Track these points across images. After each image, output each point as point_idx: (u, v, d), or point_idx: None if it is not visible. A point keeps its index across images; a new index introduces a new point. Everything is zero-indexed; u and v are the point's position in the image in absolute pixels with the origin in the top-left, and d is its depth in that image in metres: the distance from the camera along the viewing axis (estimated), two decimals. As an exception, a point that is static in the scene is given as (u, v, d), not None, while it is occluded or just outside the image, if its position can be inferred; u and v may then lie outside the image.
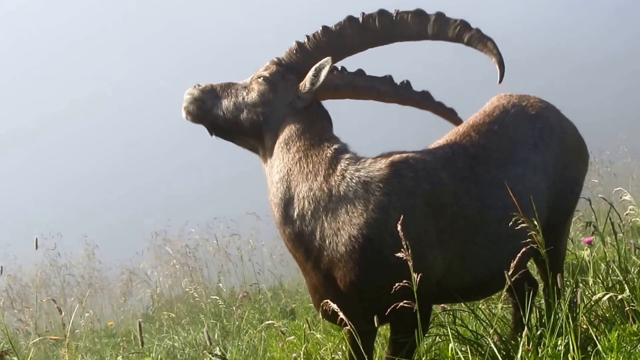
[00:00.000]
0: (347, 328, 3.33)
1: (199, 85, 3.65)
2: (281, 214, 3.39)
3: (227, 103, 3.58)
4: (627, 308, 3.43)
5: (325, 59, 3.43)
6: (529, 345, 3.19)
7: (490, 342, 3.29)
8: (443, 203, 3.37)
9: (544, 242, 3.29)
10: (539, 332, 3.29)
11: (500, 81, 3.57)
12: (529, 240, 3.30)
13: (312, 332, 4.74)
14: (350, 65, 3.71)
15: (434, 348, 3.79)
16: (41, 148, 33.99)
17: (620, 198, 5.34)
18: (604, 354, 3.09)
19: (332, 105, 3.69)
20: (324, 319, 3.58)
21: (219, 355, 4.20)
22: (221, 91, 3.61)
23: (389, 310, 3.12)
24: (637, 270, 3.94)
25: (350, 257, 3.24)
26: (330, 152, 3.40)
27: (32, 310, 8.95)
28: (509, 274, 3.18)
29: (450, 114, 3.92)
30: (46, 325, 9.26)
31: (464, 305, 4.07)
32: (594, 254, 4.64)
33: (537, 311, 3.73)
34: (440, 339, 3.89)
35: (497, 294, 3.81)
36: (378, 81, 3.75)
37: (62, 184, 29.62)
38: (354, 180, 3.32)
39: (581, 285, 4.12)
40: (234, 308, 6.91)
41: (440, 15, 3.48)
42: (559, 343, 3.17)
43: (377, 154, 3.48)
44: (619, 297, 3.48)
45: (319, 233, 3.31)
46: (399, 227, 3.04)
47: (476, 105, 3.90)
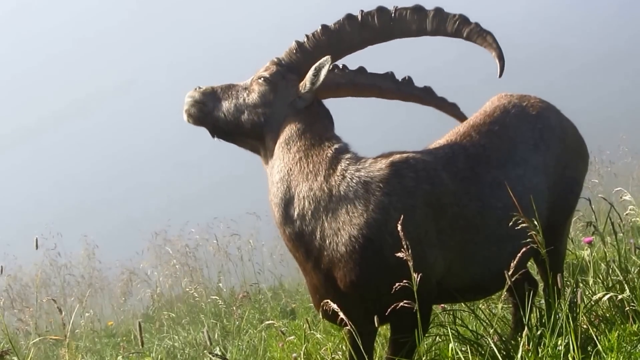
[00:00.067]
0: (347, 328, 3.33)
1: (199, 88, 3.65)
2: (281, 213, 3.38)
3: (227, 105, 3.58)
4: (627, 308, 3.42)
5: (324, 58, 3.43)
6: (529, 345, 3.19)
7: (491, 342, 3.29)
8: (443, 203, 3.37)
9: (544, 242, 3.29)
10: (539, 332, 3.29)
11: (500, 75, 3.55)
12: (529, 240, 3.30)
13: (312, 332, 4.74)
14: (352, 63, 3.71)
15: (434, 348, 3.79)
16: (41, 148, 33.98)
17: (621, 198, 5.34)
18: (604, 354, 3.09)
19: (333, 104, 3.69)
20: (324, 319, 3.58)
21: (219, 355, 4.20)
22: (222, 93, 3.61)
23: (389, 310, 3.12)
24: (637, 270, 3.94)
25: (351, 257, 3.24)
26: (330, 152, 3.40)
27: (32, 310, 8.94)
28: (509, 274, 3.18)
29: (452, 109, 3.91)
30: (46, 325, 9.25)
31: (464, 305, 4.07)
32: (594, 254, 4.64)
33: (537, 311, 3.73)
34: (441, 339, 3.89)
35: (498, 294, 3.80)
36: (380, 78, 3.74)
37: (62, 184, 29.61)
38: (354, 180, 3.31)
39: (581, 285, 4.12)
40: (234, 308, 6.91)
41: (439, 11, 3.48)
42: (559, 343, 3.17)
43: (377, 154, 3.48)
44: (619, 297, 3.48)
45: (319, 233, 3.31)
46: (399, 228, 3.04)
47: (477, 104, 3.90)
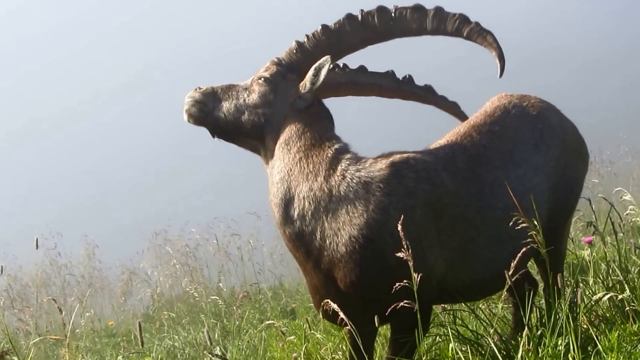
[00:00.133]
0: (347, 328, 3.33)
1: (199, 88, 3.64)
2: (281, 214, 3.38)
3: (228, 105, 3.58)
4: (628, 308, 3.42)
5: (324, 58, 3.42)
6: (529, 345, 3.19)
7: (491, 342, 3.29)
8: (444, 204, 3.37)
9: (545, 242, 3.29)
10: (539, 332, 3.29)
11: (500, 75, 3.54)
12: (529, 240, 3.30)
13: (312, 332, 4.74)
14: (352, 62, 3.71)
15: (434, 348, 3.79)
16: (41, 148, 34.01)
17: (621, 198, 5.34)
18: (604, 354, 3.09)
19: (333, 103, 3.69)
20: (325, 319, 3.58)
21: (220, 355, 4.20)
22: (222, 93, 3.61)
23: (390, 310, 3.12)
24: (637, 270, 3.94)
25: (351, 258, 3.24)
26: (330, 152, 3.40)
27: (32, 310, 8.94)
28: (510, 274, 3.17)
29: (453, 108, 3.90)
30: (46, 325, 9.25)
31: (464, 305, 4.07)
32: (594, 254, 4.63)
33: (538, 311, 3.73)
34: (441, 339, 3.89)
35: (498, 293, 3.80)
36: (380, 77, 3.73)
37: (62, 184, 29.63)
38: (354, 181, 3.31)
39: (581, 285, 4.11)
40: (234, 308, 6.90)
41: (439, 10, 3.47)
42: (559, 343, 3.17)
43: (378, 154, 3.48)
44: (620, 297, 3.48)
45: (319, 233, 3.31)
46: (400, 228, 3.04)
47: (477, 104, 3.90)
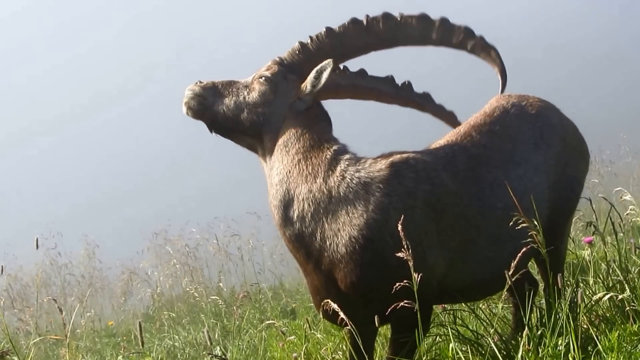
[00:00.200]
0: (347, 328, 3.32)
1: (200, 82, 3.65)
2: (281, 215, 3.38)
3: (228, 101, 3.58)
4: (628, 308, 3.42)
5: (326, 61, 3.42)
6: (529, 345, 3.19)
7: (491, 341, 3.29)
8: (444, 204, 3.37)
9: (545, 242, 3.29)
10: (539, 332, 3.29)
11: (502, 91, 3.59)
12: (529, 240, 3.30)
13: (312, 331, 4.74)
14: (352, 65, 3.71)
15: (434, 348, 3.79)
16: (41, 149, 34.02)
17: (621, 198, 5.33)
18: (604, 354, 3.09)
19: (333, 104, 3.69)
20: (325, 319, 3.58)
21: (220, 355, 4.20)
22: (222, 89, 3.61)
23: (390, 310, 3.12)
24: (637, 270, 3.93)
25: (351, 258, 3.24)
26: (329, 153, 3.40)
27: (32, 309, 8.93)
28: (510, 273, 3.18)
29: (449, 118, 3.91)
30: (47, 324, 9.25)
31: (464, 305, 4.07)
32: (594, 254, 4.63)
33: (538, 311, 3.73)
34: (441, 339, 3.89)
35: (498, 293, 3.80)
36: (379, 82, 3.73)
37: (62, 184, 29.63)
38: (354, 181, 3.31)
39: (582, 285, 4.11)
40: (235, 308, 6.90)
41: (444, 21, 3.46)
42: (560, 343, 3.17)
43: (377, 155, 3.48)
44: (620, 297, 3.48)
45: (319, 234, 3.31)
46: (400, 228, 3.04)
47: (476, 108, 3.90)
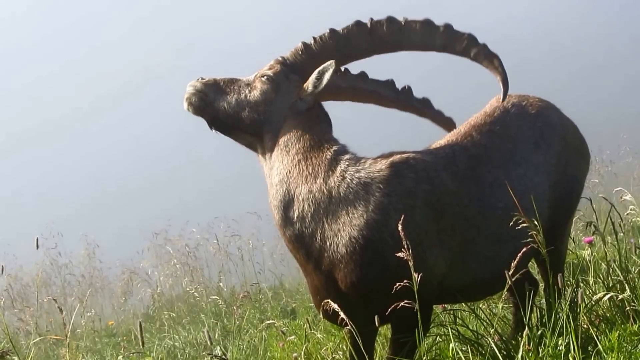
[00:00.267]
0: (347, 328, 3.32)
1: (202, 78, 3.65)
2: (281, 216, 3.38)
3: (229, 99, 3.57)
4: (628, 308, 3.42)
5: (329, 62, 3.42)
6: (529, 345, 3.19)
7: (491, 341, 3.29)
8: (444, 204, 3.37)
9: (545, 242, 3.29)
10: (539, 332, 3.29)
11: (504, 99, 3.59)
12: (529, 240, 3.30)
13: (312, 331, 4.74)
14: (353, 67, 3.70)
15: (434, 348, 3.79)
16: (42, 149, 34.03)
17: (621, 198, 5.33)
18: (604, 354, 3.09)
19: (333, 104, 3.68)
20: (325, 319, 3.58)
21: (220, 355, 4.20)
22: (224, 86, 3.61)
23: (390, 310, 3.12)
24: (637, 269, 3.93)
25: (351, 258, 3.24)
26: (329, 153, 3.40)
27: (32, 309, 8.94)
28: (510, 273, 3.18)
29: (448, 124, 3.91)
30: (47, 324, 9.25)
31: (464, 305, 4.07)
32: (594, 254, 4.64)
33: (538, 311, 3.73)
34: (441, 339, 3.89)
35: (498, 293, 3.80)
36: (379, 85, 3.73)
37: (62, 184, 29.65)
38: (354, 182, 3.31)
39: (582, 285, 4.11)
40: (235, 308, 6.90)
41: (448, 27, 3.45)
42: (560, 343, 3.17)
43: (377, 155, 3.48)
44: (620, 296, 3.48)
45: (319, 235, 3.31)
46: (400, 228, 3.04)
47: (476, 108, 3.90)
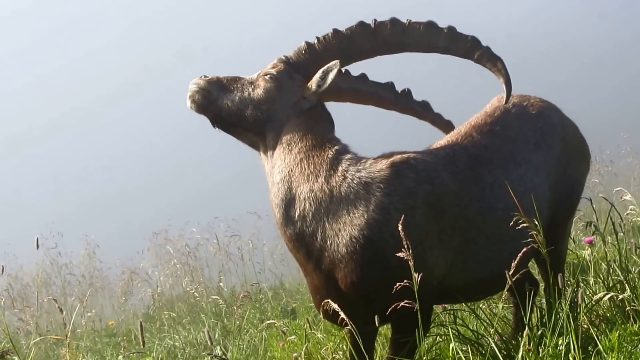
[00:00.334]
0: (347, 328, 3.32)
1: (205, 76, 3.65)
2: (282, 214, 3.39)
3: (232, 96, 3.57)
4: (628, 308, 3.43)
5: (333, 62, 3.43)
6: (529, 344, 3.19)
7: (491, 341, 3.29)
8: (444, 204, 3.37)
9: (545, 242, 3.29)
10: (539, 332, 3.29)
11: (506, 101, 3.60)
12: (530, 240, 3.30)
13: (312, 331, 4.74)
14: (353, 69, 3.71)
15: (434, 348, 3.79)
16: (42, 149, 34.03)
17: (621, 198, 5.34)
18: (604, 354, 3.09)
19: (334, 105, 3.69)
20: (325, 318, 3.59)
21: (220, 355, 4.21)
22: (227, 84, 3.61)
23: (390, 310, 3.12)
24: (638, 269, 3.94)
25: (351, 258, 3.24)
26: (331, 153, 3.40)
27: (33, 309, 8.94)
28: (510, 273, 3.18)
29: (447, 127, 3.93)
30: (47, 324, 9.26)
31: (464, 305, 4.07)
32: (594, 254, 4.64)
33: (538, 311, 3.73)
34: (441, 339, 3.89)
35: (498, 293, 3.81)
36: (380, 87, 3.75)
37: (62, 184, 29.64)
38: (354, 181, 3.31)
39: (582, 285, 4.11)
40: (235, 307, 6.91)
41: (451, 29, 3.47)
42: (560, 343, 3.18)
43: (378, 154, 3.48)
44: (620, 296, 3.49)
45: (320, 234, 3.31)
46: (400, 228, 3.04)
47: (476, 108, 3.91)
